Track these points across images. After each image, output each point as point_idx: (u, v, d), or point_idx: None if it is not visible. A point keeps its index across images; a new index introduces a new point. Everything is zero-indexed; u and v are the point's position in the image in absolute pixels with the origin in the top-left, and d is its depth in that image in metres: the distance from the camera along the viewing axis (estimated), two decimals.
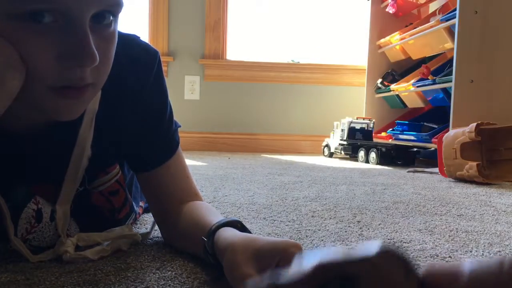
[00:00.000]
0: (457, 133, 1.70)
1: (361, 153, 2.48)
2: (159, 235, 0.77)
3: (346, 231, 0.86)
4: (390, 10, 2.69)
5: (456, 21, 1.88)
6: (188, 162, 0.76)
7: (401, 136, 2.43)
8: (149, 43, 0.71)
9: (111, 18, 0.53)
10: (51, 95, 0.52)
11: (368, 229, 0.88)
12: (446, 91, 2.06)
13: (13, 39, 0.48)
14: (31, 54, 0.49)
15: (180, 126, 0.75)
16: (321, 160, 2.55)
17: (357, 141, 2.57)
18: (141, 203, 0.91)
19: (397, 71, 2.78)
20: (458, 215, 1.05)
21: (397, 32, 2.57)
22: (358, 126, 2.62)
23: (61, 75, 0.50)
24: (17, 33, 0.48)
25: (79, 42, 0.49)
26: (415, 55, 2.51)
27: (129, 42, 0.66)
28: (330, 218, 0.98)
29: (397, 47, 2.60)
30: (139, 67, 0.67)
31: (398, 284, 0.23)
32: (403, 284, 0.23)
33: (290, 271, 0.24)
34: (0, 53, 0.47)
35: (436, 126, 2.29)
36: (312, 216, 0.99)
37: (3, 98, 0.49)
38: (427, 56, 2.45)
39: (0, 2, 0.47)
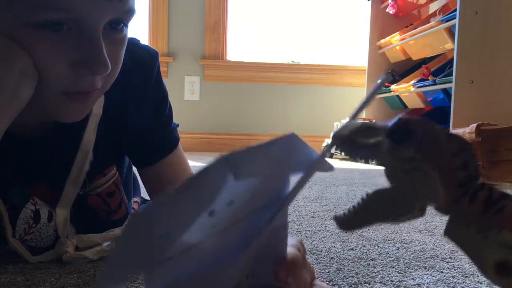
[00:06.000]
0: (458, 134, 1.70)
1: None
2: None
3: (346, 232, 0.86)
4: (391, 10, 2.69)
5: (456, 21, 1.87)
6: (189, 162, 0.77)
7: None
8: (148, 44, 0.72)
9: (122, 24, 0.53)
10: (61, 99, 0.53)
11: (368, 229, 0.88)
12: (447, 92, 2.06)
13: (28, 46, 0.49)
14: (45, 62, 0.50)
15: (178, 125, 0.76)
16: None
17: None
18: (136, 199, 0.91)
19: (397, 71, 2.77)
20: None
21: (397, 33, 2.57)
22: None
23: (73, 82, 0.52)
24: (32, 41, 0.49)
25: (93, 51, 0.50)
26: (416, 56, 2.51)
27: (131, 44, 0.67)
28: (330, 219, 0.98)
29: (398, 47, 2.59)
30: (143, 68, 0.68)
31: (443, 142, 0.26)
32: (446, 143, 0.26)
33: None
34: (16, 61, 0.48)
35: None
36: (312, 217, 0.99)
37: (16, 104, 0.50)
38: (427, 56, 2.45)
39: (16, 11, 0.47)
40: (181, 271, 0.29)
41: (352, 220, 0.29)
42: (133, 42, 0.69)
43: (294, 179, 0.35)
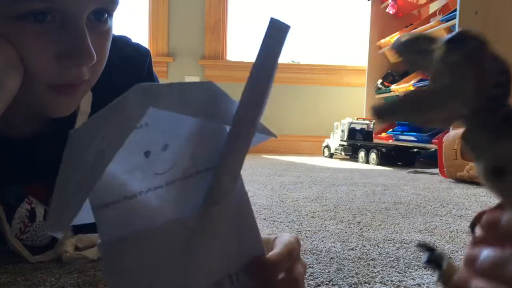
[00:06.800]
0: (458, 133, 1.70)
1: (361, 154, 2.48)
2: None
3: (346, 232, 0.86)
4: (391, 10, 2.69)
5: (456, 21, 1.88)
6: None
7: (401, 137, 2.43)
8: (142, 43, 0.72)
9: (106, 15, 0.53)
10: (48, 92, 0.52)
11: (369, 229, 0.88)
12: None
13: (13, 39, 0.48)
14: (30, 54, 0.49)
15: None
16: (321, 161, 2.55)
17: (357, 141, 2.57)
18: None
19: (397, 71, 2.77)
20: (458, 216, 1.05)
21: (397, 33, 2.57)
22: (358, 127, 2.62)
23: (59, 74, 0.51)
24: (16, 33, 0.48)
25: (77, 41, 0.49)
26: None
27: (121, 43, 0.67)
28: (331, 219, 0.98)
29: None
30: (132, 67, 0.68)
31: (489, 59, 0.29)
32: (491, 61, 0.29)
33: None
34: (0, 53, 0.48)
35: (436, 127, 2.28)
36: (312, 217, 0.99)
37: (3, 98, 0.49)
38: None
39: (0, 2, 0.47)
40: (128, 221, 0.29)
41: (388, 109, 0.31)
42: (124, 41, 0.68)
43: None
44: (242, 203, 0.36)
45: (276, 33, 0.33)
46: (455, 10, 1.91)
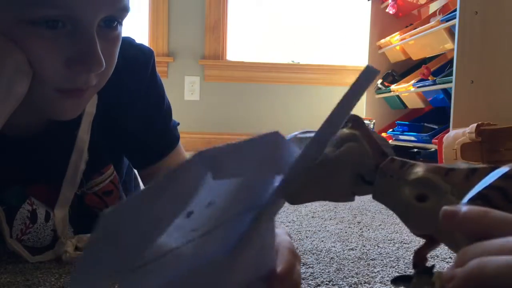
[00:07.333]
0: (457, 133, 1.70)
1: None
2: None
3: (346, 232, 0.86)
4: (391, 10, 2.69)
5: (456, 21, 1.87)
6: None
7: (401, 137, 2.42)
8: (144, 44, 0.72)
9: (116, 22, 0.53)
10: (55, 96, 0.53)
11: (369, 229, 0.88)
12: (447, 92, 2.06)
13: (22, 44, 0.49)
14: (40, 59, 0.50)
15: (178, 124, 0.76)
16: None
17: None
18: None
19: (397, 71, 2.77)
20: None
21: (397, 33, 2.57)
22: None
23: (68, 79, 0.52)
24: (26, 38, 0.49)
25: (87, 48, 0.50)
26: (416, 56, 2.51)
27: (125, 44, 0.67)
28: (331, 219, 0.98)
29: (398, 47, 2.59)
30: (136, 67, 0.68)
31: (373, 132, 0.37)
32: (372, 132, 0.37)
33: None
34: (10, 58, 0.48)
35: (436, 127, 2.28)
36: (312, 217, 0.99)
37: (10, 102, 0.50)
38: (427, 56, 2.45)
39: (13, 7, 0.47)
40: (157, 280, 0.28)
41: (298, 194, 0.36)
42: (127, 41, 0.69)
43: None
44: (268, 234, 0.38)
45: (367, 77, 0.36)
46: (455, 10, 1.91)
